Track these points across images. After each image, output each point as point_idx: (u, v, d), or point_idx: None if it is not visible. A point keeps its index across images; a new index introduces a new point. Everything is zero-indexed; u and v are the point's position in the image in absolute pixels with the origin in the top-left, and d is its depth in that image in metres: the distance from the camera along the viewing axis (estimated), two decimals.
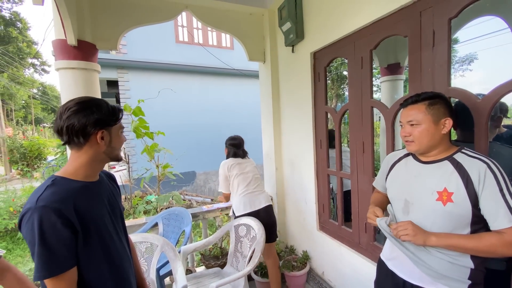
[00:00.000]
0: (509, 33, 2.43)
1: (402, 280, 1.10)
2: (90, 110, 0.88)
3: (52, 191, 0.82)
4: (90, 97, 0.94)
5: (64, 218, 0.79)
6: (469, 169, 0.93)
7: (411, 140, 1.04)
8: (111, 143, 0.95)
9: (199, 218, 2.54)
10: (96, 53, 2.25)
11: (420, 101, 1.01)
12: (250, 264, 1.75)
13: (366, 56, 1.77)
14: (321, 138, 2.31)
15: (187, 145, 7.24)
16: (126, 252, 1.05)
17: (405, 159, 1.15)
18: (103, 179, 1.05)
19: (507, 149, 1.21)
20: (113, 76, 6.63)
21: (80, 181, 0.90)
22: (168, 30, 7.71)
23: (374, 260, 1.83)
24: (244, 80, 8.15)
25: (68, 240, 0.80)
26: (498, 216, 0.87)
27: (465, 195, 0.92)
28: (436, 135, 0.99)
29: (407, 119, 1.04)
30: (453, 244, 0.92)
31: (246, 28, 2.76)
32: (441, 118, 0.98)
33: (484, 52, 6.95)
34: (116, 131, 0.96)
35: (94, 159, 0.93)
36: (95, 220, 0.90)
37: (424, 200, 1.01)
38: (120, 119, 0.97)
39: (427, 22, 1.36)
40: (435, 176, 1.00)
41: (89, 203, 0.90)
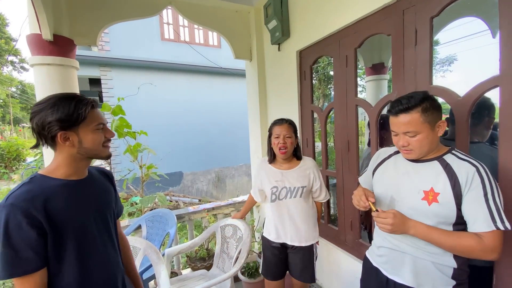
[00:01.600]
0: (489, 35, 2.51)
1: (386, 277, 1.10)
2: (51, 110, 0.81)
3: (26, 189, 0.79)
4: (55, 95, 0.86)
5: (31, 218, 0.75)
6: (458, 171, 0.92)
7: (410, 149, 0.99)
8: (82, 143, 0.86)
9: (185, 219, 2.49)
10: (74, 49, 2.15)
11: (412, 108, 0.93)
12: (236, 265, 1.72)
13: (351, 54, 1.77)
14: (308, 136, 2.31)
15: (174, 145, 7.10)
16: (111, 256, 0.97)
17: (395, 157, 1.14)
18: (94, 176, 0.99)
19: (495, 151, 1.22)
20: (95, 74, 6.40)
21: (60, 180, 0.86)
22: (154, 27, 7.53)
23: (360, 258, 1.84)
24: (232, 79, 8.08)
25: (34, 242, 0.76)
26: (477, 219, 0.87)
27: (451, 197, 0.91)
28: (434, 140, 0.97)
29: (402, 130, 0.97)
30: (431, 239, 0.92)
31: (232, 26, 2.72)
32: (436, 122, 0.95)
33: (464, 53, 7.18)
34: (86, 130, 0.86)
35: (71, 160, 0.88)
36: (71, 222, 0.84)
37: (410, 199, 1.00)
38: (85, 117, 0.84)
39: (409, 21, 1.38)
40: (423, 175, 0.99)
41: (67, 203, 0.84)
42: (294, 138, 1.59)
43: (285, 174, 1.61)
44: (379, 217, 0.97)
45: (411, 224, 0.95)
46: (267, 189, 1.64)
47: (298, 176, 1.60)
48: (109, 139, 0.94)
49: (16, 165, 11.09)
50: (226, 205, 2.70)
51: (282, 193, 1.60)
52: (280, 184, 1.60)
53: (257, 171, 1.74)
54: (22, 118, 26.15)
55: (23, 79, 26.39)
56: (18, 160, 11.28)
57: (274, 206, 1.64)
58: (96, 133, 0.89)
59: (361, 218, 1.91)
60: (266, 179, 1.65)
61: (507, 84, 1.04)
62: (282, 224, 1.63)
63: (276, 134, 1.57)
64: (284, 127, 1.56)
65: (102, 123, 0.91)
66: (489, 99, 1.35)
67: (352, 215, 1.90)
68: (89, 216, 0.90)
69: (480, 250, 0.86)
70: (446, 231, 0.92)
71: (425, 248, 0.98)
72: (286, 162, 1.63)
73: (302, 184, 1.59)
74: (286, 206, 1.61)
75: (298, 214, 1.60)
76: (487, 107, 1.37)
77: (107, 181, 1.05)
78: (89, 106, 0.86)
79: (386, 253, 1.11)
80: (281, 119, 1.61)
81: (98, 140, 0.89)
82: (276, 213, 1.64)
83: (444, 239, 0.90)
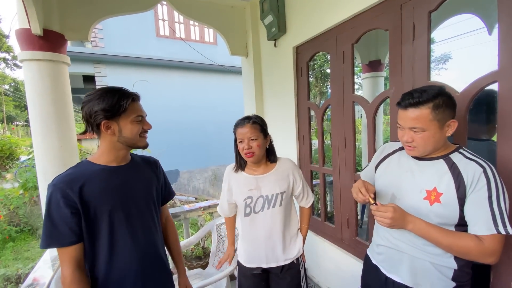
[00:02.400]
0: (485, 32, 2.50)
1: (385, 275, 1.09)
2: (98, 100, 0.90)
3: (69, 172, 0.92)
4: (103, 87, 0.95)
5: (67, 198, 0.85)
6: (464, 171, 0.88)
7: (414, 146, 0.94)
8: (121, 133, 0.94)
9: (180, 218, 2.46)
10: (65, 44, 2.10)
11: (423, 103, 0.87)
12: (232, 264, 1.70)
13: (348, 50, 1.75)
14: (304, 134, 2.29)
15: (169, 143, 7.04)
16: (145, 238, 1.02)
17: (399, 153, 1.10)
18: (137, 164, 1.07)
19: None
20: (89, 71, 6.31)
21: (101, 165, 0.96)
22: (149, 23, 7.44)
23: (357, 255, 1.83)
24: (228, 76, 8.02)
25: (69, 218, 0.86)
26: (478, 221, 0.84)
27: (455, 198, 0.88)
28: (441, 139, 0.91)
29: (408, 125, 0.92)
30: (429, 236, 0.89)
31: (227, 21, 2.68)
32: (446, 121, 0.88)
33: (461, 51, 7.27)
34: (126, 121, 0.94)
35: (111, 147, 0.97)
36: (104, 204, 0.92)
37: (411, 197, 0.97)
38: (126, 108, 0.93)
39: (407, 15, 1.35)
40: (426, 174, 0.95)
41: (101, 186, 0.92)
42: (263, 138, 1.31)
43: (260, 180, 1.34)
44: (378, 211, 0.93)
45: (410, 219, 0.91)
46: (240, 201, 1.36)
47: (276, 180, 1.34)
48: (146, 130, 1.02)
49: (9, 163, 10.92)
50: None
51: (258, 204, 1.33)
52: (255, 193, 1.33)
53: (226, 181, 1.43)
54: (16, 116, 25.78)
55: (16, 77, 25.94)
56: (12, 159, 11.11)
57: (247, 221, 1.37)
58: (134, 124, 0.96)
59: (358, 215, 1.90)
60: (238, 189, 1.37)
61: (506, 79, 1.03)
62: (255, 243, 1.37)
63: (239, 138, 1.29)
64: (246, 129, 1.27)
65: (141, 116, 0.99)
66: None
67: (349, 212, 1.89)
68: (124, 200, 0.96)
69: (478, 252, 0.84)
70: (445, 230, 0.89)
71: (424, 248, 0.96)
72: (259, 166, 1.36)
73: (281, 189, 1.33)
74: (263, 221, 1.34)
75: (276, 229, 1.34)
76: (496, 102, 1.33)
77: (150, 169, 1.11)
78: (130, 99, 0.94)
79: (384, 251, 1.10)
80: (243, 119, 1.33)
81: (136, 130, 0.97)
82: (248, 230, 1.38)
83: (442, 237, 0.87)
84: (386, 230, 1.09)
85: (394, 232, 1.04)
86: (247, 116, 1.36)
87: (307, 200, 1.47)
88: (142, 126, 1.00)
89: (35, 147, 1.96)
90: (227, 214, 1.53)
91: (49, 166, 1.93)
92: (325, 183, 2.21)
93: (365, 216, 3.06)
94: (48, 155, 1.94)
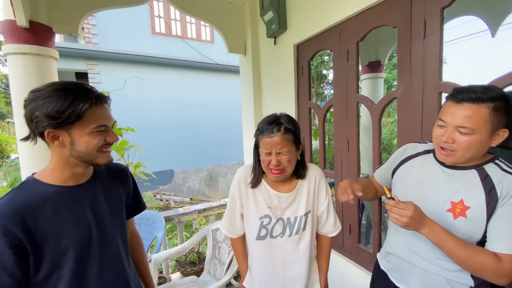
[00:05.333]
0: (489, 34, 2.46)
1: (393, 284, 1.03)
2: (43, 101, 0.69)
3: (11, 197, 0.69)
4: (56, 83, 0.74)
5: (7, 236, 0.64)
6: (498, 184, 0.78)
7: (452, 149, 0.81)
8: (74, 145, 0.73)
9: (174, 221, 2.36)
10: (53, 37, 1.98)
11: (485, 100, 0.75)
12: (228, 273, 1.61)
13: (352, 48, 1.67)
14: (304, 135, 2.20)
15: (164, 142, 6.91)
16: (116, 269, 0.86)
17: (424, 156, 0.99)
18: (101, 178, 0.86)
19: None
20: (82, 67, 6.12)
21: (53, 186, 0.75)
22: (144, 20, 7.28)
23: (359, 263, 1.76)
24: (225, 75, 7.91)
25: (11, 262, 0.65)
26: (501, 238, 0.76)
27: (483, 214, 0.78)
28: (485, 148, 0.80)
29: (458, 122, 0.78)
30: (443, 245, 0.80)
31: (225, 18, 2.58)
32: (499, 129, 0.77)
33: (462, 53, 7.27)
34: (81, 131, 0.72)
35: (65, 162, 0.76)
36: (61, 237, 0.72)
37: (433, 208, 0.87)
38: (80, 116, 0.70)
39: (418, 12, 1.28)
40: (454, 184, 0.85)
41: (56, 215, 0.72)
42: (295, 151, 1.01)
43: (284, 199, 1.06)
44: (397, 207, 0.80)
45: (427, 222, 0.80)
46: (253, 219, 1.07)
47: (301, 198, 1.07)
48: (109, 143, 0.79)
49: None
50: (218, 206, 2.58)
51: (277, 228, 1.05)
52: (276, 213, 1.05)
53: (238, 190, 1.10)
54: (6, 113, 25.24)
55: (7, 73, 25.39)
56: (1, 157, 10.84)
57: (260, 245, 1.08)
58: (92, 136, 0.74)
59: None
60: (253, 204, 1.07)
61: None
62: (271, 274, 1.09)
63: (266, 150, 0.98)
64: (277, 140, 0.95)
65: (104, 125, 0.76)
66: None
67: (351, 218, 1.81)
68: (87, 230, 0.78)
69: (492, 271, 0.75)
70: (463, 241, 0.79)
71: (439, 263, 0.88)
72: (283, 182, 1.09)
73: (306, 208, 1.07)
74: (282, 249, 1.06)
75: (300, 261, 1.08)
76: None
77: (118, 182, 0.92)
78: (88, 104, 0.71)
79: (394, 260, 1.03)
80: (271, 122, 0.98)
81: (94, 144, 0.75)
82: (262, 256, 1.09)
83: (458, 249, 0.78)
84: (400, 240, 1.01)
85: (410, 242, 0.96)
86: (275, 117, 1.01)
87: (334, 225, 1.14)
88: (105, 138, 0.77)
89: (19, 145, 1.85)
90: (239, 232, 1.15)
91: (34, 164, 1.82)
92: None
93: (362, 220, 2.99)
94: (33, 153, 1.82)
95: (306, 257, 1.09)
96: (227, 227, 1.15)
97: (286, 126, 0.98)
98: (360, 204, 1.76)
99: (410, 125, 1.36)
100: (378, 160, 1.56)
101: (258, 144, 1.04)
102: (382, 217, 1.76)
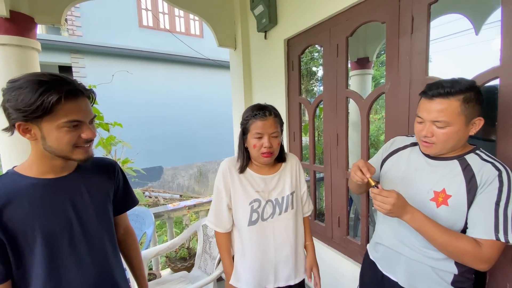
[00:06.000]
0: (473, 33, 2.53)
1: (382, 273, 1.07)
2: (14, 93, 0.67)
3: None
4: (31, 74, 0.71)
5: None
6: (478, 173, 0.82)
7: (433, 142, 0.86)
8: (45, 140, 0.71)
9: (164, 217, 2.33)
10: (35, 28, 1.90)
11: (454, 94, 0.79)
12: (219, 267, 1.61)
13: (342, 43, 1.68)
14: (295, 130, 2.22)
15: (152, 138, 6.80)
16: (99, 263, 0.84)
17: (410, 148, 1.03)
18: (85, 172, 0.85)
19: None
20: (66, 61, 5.91)
21: (32, 178, 0.75)
22: (131, 12, 7.09)
23: (348, 255, 1.80)
24: (215, 71, 7.82)
25: None
26: (479, 224, 0.79)
27: (464, 201, 0.82)
28: (463, 138, 0.84)
29: (432, 117, 0.83)
30: (424, 231, 0.83)
31: (215, 11, 2.54)
32: (473, 118, 0.81)
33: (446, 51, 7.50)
34: (50, 126, 0.70)
35: (41, 155, 0.75)
36: (37, 229, 0.72)
37: (417, 197, 0.91)
38: (48, 110, 0.67)
39: (406, 7, 1.30)
40: (437, 174, 0.89)
41: (33, 207, 0.72)
42: (281, 135, 1.13)
43: (269, 181, 1.14)
44: (381, 195, 0.84)
45: (409, 209, 0.84)
46: (244, 206, 1.11)
47: (285, 179, 1.17)
48: (86, 140, 0.76)
49: None
50: (208, 201, 2.57)
51: (267, 209, 1.12)
52: (264, 195, 1.12)
53: (223, 181, 1.14)
54: None
55: None
56: None
57: (252, 232, 1.11)
58: (62, 132, 0.71)
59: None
60: (242, 191, 1.12)
61: (508, 75, 0.99)
62: (263, 259, 1.12)
63: (257, 133, 1.05)
64: (269, 122, 1.06)
65: (77, 120, 0.72)
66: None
67: (340, 211, 1.84)
68: (64, 222, 0.77)
69: (472, 256, 0.79)
70: (444, 227, 0.83)
71: (426, 252, 0.91)
72: (267, 166, 1.17)
73: (291, 189, 1.17)
74: (273, 229, 1.12)
75: (289, 238, 1.14)
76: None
77: (105, 176, 0.91)
78: (56, 97, 0.67)
79: (382, 249, 1.07)
80: (263, 109, 1.08)
81: (66, 140, 0.72)
82: (253, 243, 1.11)
83: (439, 235, 0.81)
84: (388, 230, 1.05)
85: (397, 232, 1.00)
86: (261, 105, 1.12)
87: (309, 206, 1.28)
88: (80, 134, 0.74)
89: (0, 140, 1.77)
90: (226, 226, 1.16)
91: (16, 161, 1.75)
92: (315, 180, 2.16)
93: (351, 213, 3.06)
94: (15, 149, 1.75)
95: (294, 236, 1.17)
96: (213, 220, 1.17)
97: (275, 112, 1.12)
98: (348, 197, 1.80)
99: (398, 119, 1.39)
100: (367, 153, 1.59)
101: (245, 131, 1.11)
102: (370, 211, 1.81)
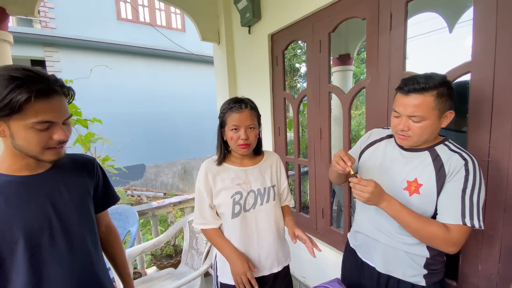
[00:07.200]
0: (447, 31, 2.66)
1: (361, 260, 1.13)
2: None
3: None
4: (6, 67, 0.66)
5: None
6: (446, 163, 0.88)
7: (409, 135, 0.91)
8: (14, 139, 0.68)
9: (148, 215, 2.29)
10: (6, 19, 1.79)
11: (429, 89, 0.83)
12: (206, 261, 1.62)
13: (325, 39, 1.72)
14: (280, 125, 2.24)
15: (133, 136, 6.60)
16: (80, 261, 0.82)
17: (386, 141, 1.09)
18: (62, 168, 0.83)
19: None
20: (39, 54, 5.58)
21: (5, 176, 0.72)
22: (108, 4, 6.79)
23: (332, 245, 1.86)
24: (198, 66, 7.69)
25: None
26: (448, 210, 0.86)
27: (434, 189, 0.89)
28: (436, 130, 0.90)
29: (408, 112, 0.87)
30: (399, 217, 0.89)
31: (198, 4, 2.50)
32: (445, 111, 0.87)
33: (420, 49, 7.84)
34: (18, 125, 0.66)
35: (13, 152, 0.72)
36: (14, 228, 0.70)
37: (392, 187, 0.97)
38: (16, 109, 0.64)
39: (385, 4, 1.34)
40: (410, 164, 0.95)
41: (8, 205, 0.70)
42: (258, 128, 1.16)
43: (250, 172, 1.18)
44: (359, 184, 0.89)
45: (386, 197, 0.90)
46: (226, 200, 1.13)
47: (266, 172, 1.21)
48: (59, 141, 0.73)
49: None
50: (193, 198, 2.55)
51: (249, 200, 1.14)
52: (246, 187, 1.14)
53: (205, 179, 1.15)
54: None
55: None
56: None
57: (235, 224, 1.13)
58: (31, 132, 0.67)
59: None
60: (222, 185, 1.14)
61: (478, 70, 1.06)
62: (246, 250, 1.15)
63: (233, 125, 1.09)
64: (245, 115, 1.09)
65: (48, 121, 0.69)
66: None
67: (323, 202, 1.90)
68: (45, 220, 0.75)
69: (442, 240, 0.85)
70: (417, 214, 0.89)
71: (401, 238, 0.98)
72: (247, 158, 1.21)
73: (272, 182, 1.21)
74: (255, 220, 1.15)
75: (271, 228, 1.18)
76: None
77: (83, 173, 0.89)
78: (26, 96, 0.63)
79: (361, 238, 1.13)
80: (239, 102, 1.11)
81: (35, 141, 0.69)
82: (236, 235, 1.14)
83: (412, 220, 0.87)
84: (365, 219, 1.10)
85: (374, 220, 1.05)
86: (238, 98, 1.15)
87: (290, 201, 1.35)
88: (52, 135, 0.71)
89: None
90: (211, 222, 1.17)
91: None
92: (300, 173, 2.20)
93: (334, 205, 3.15)
94: None
95: (276, 225, 1.21)
96: (201, 221, 1.18)
97: (251, 105, 1.15)
98: (331, 189, 1.85)
99: (378, 112, 1.45)
100: (348, 146, 1.64)
101: (223, 124, 1.14)
102: (351, 201, 1.87)
